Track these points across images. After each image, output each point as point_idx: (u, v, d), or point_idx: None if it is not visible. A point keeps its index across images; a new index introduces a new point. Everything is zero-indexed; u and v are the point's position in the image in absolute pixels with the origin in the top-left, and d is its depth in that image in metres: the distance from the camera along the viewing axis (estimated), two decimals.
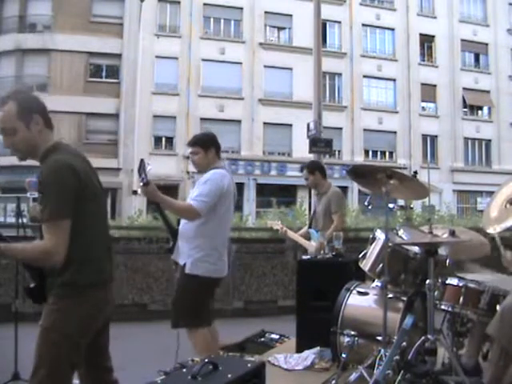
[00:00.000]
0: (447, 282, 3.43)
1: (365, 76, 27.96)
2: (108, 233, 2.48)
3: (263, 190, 24.55)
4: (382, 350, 3.20)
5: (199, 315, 3.50)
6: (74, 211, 2.15)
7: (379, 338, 3.33)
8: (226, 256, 3.67)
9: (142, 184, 3.26)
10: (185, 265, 3.50)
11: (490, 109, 30.18)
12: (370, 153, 27.81)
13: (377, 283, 3.74)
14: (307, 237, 5.31)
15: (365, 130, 27.33)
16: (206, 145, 3.68)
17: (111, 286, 2.41)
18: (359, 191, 22.09)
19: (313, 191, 9.97)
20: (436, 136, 28.80)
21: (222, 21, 26.38)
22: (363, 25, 28.27)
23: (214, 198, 3.46)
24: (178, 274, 3.63)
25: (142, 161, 3.37)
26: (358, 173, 3.74)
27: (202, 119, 24.46)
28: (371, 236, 3.83)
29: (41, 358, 2.14)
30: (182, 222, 3.62)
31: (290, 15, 26.77)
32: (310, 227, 5.42)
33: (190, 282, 3.48)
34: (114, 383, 2.44)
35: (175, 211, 3.60)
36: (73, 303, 2.18)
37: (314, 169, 5.42)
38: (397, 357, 3.09)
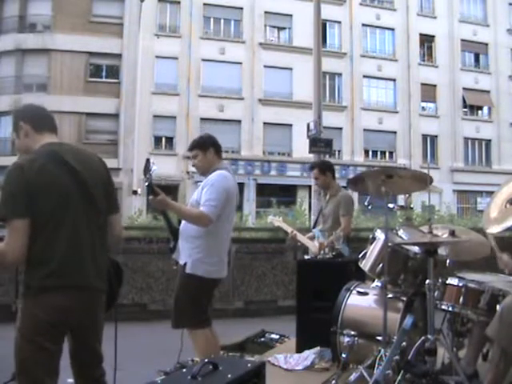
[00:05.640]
0: (447, 282, 3.44)
1: (365, 76, 27.95)
2: (89, 237, 2.27)
3: (263, 190, 24.54)
4: (382, 350, 3.20)
5: (198, 316, 3.49)
6: (30, 211, 2.11)
7: (379, 337, 3.33)
8: (226, 257, 3.64)
9: (146, 185, 3.21)
10: (185, 264, 3.49)
11: (489, 109, 30.16)
12: (370, 153, 27.80)
13: (377, 283, 3.74)
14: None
15: (365, 130, 27.32)
16: (203, 146, 3.65)
17: (84, 293, 2.23)
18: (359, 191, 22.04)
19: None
20: (436, 136, 28.79)
21: (222, 21, 26.37)
22: (363, 25, 28.26)
23: (221, 201, 3.43)
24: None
25: (147, 161, 3.30)
26: (357, 181, 3.76)
27: (201, 119, 24.47)
28: (371, 236, 3.83)
29: (15, 360, 2.16)
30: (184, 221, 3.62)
31: (290, 15, 26.76)
32: (314, 227, 5.38)
33: (190, 282, 3.47)
34: (101, 376, 2.39)
35: (187, 218, 3.53)
36: (28, 304, 2.16)
37: (326, 169, 5.20)
38: (397, 357, 3.09)
